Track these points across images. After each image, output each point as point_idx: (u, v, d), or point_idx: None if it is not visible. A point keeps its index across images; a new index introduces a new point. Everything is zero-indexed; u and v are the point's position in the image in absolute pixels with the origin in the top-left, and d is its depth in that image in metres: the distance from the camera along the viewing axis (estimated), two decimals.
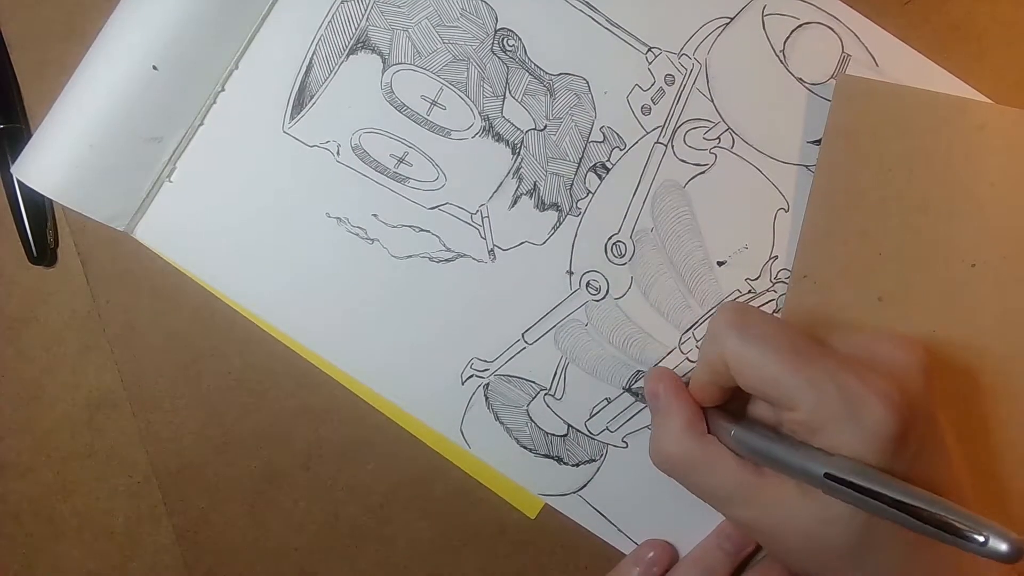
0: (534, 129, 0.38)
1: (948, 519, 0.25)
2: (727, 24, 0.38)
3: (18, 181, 0.37)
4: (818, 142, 0.38)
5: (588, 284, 0.38)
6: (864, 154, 0.37)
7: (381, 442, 0.38)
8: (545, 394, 0.38)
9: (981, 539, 0.24)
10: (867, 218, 0.37)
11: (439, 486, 0.38)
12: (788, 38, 0.38)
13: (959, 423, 0.35)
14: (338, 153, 0.38)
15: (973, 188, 0.37)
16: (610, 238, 0.38)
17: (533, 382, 0.38)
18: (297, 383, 0.38)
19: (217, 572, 0.38)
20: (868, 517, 0.29)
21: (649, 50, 0.38)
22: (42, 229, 0.38)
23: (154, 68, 0.35)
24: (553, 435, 0.38)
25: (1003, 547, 0.24)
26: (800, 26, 0.38)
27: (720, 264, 0.38)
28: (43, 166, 0.35)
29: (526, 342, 0.38)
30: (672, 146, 0.38)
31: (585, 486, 0.38)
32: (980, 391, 0.37)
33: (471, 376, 0.38)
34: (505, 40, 0.38)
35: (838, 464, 0.28)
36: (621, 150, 0.38)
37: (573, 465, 0.38)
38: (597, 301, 0.38)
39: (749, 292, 0.38)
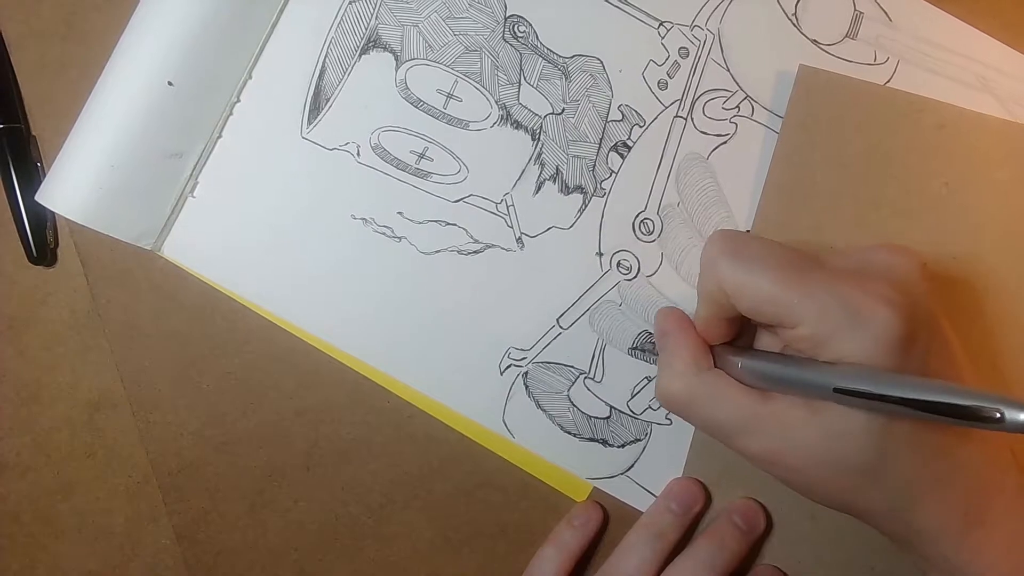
0: (552, 113, 0.38)
1: (962, 403, 0.25)
2: None
3: (18, 181, 0.37)
4: None
5: (619, 264, 0.38)
6: (821, 147, 0.37)
7: (381, 442, 0.38)
8: (585, 378, 0.38)
9: (998, 415, 0.24)
10: (821, 212, 0.37)
11: (439, 486, 0.38)
12: (799, 1, 0.38)
13: None
14: (358, 154, 0.37)
15: (928, 187, 0.37)
16: (637, 216, 0.38)
17: (572, 367, 0.38)
18: (297, 383, 0.38)
19: (217, 572, 0.38)
20: (882, 429, 0.28)
21: (661, 24, 0.38)
22: (42, 229, 0.38)
23: (169, 84, 0.35)
24: (596, 418, 0.38)
25: (1021, 416, 0.24)
26: None
27: (748, 232, 0.38)
28: (67, 190, 0.35)
29: (561, 327, 0.38)
30: (692, 118, 0.38)
31: (632, 466, 0.38)
32: None
33: (509, 366, 0.37)
34: (516, 27, 0.38)
35: (846, 372, 0.27)
36: (641, 127, 0.38)
37: (618, 446, 0.38)
38: (629, 280, 0.38)
39: None
